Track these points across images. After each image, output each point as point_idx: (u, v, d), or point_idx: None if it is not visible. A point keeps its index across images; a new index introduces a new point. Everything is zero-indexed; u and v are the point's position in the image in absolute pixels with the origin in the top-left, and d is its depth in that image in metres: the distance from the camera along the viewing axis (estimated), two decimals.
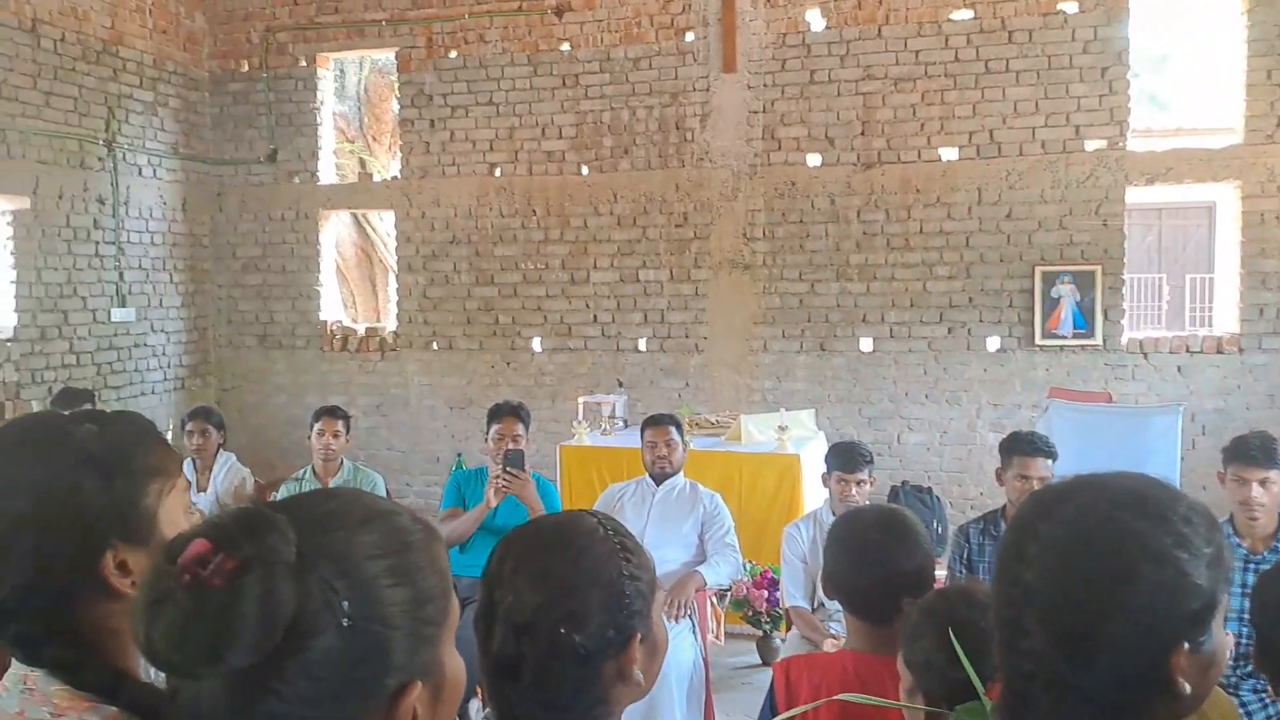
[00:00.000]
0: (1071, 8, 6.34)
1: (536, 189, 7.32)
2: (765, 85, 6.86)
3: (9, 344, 6.30)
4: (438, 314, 7.56)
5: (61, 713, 0.91)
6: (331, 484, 4.53)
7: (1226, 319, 6.51)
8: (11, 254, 6.44)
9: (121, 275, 7.14)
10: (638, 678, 1.11)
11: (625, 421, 6.32)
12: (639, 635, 1.11)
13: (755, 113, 6.88)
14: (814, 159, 6.80)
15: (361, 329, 7.97)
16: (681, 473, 4.32)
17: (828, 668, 2.02)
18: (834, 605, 3.62)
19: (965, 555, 3.71)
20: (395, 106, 7.65)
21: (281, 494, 4.48)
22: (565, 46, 7.22)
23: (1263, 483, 3.01)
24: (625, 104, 7.11)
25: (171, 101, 7.64)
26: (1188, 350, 6.26)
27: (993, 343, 6.55)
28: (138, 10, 7.35)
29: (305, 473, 4.83)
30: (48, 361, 6.58)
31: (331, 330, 7.83)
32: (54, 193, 6.62)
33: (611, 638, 1.09)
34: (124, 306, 7.17)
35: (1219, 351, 6.21)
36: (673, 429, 4.31)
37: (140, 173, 7.35)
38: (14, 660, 0.95)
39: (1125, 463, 3.33)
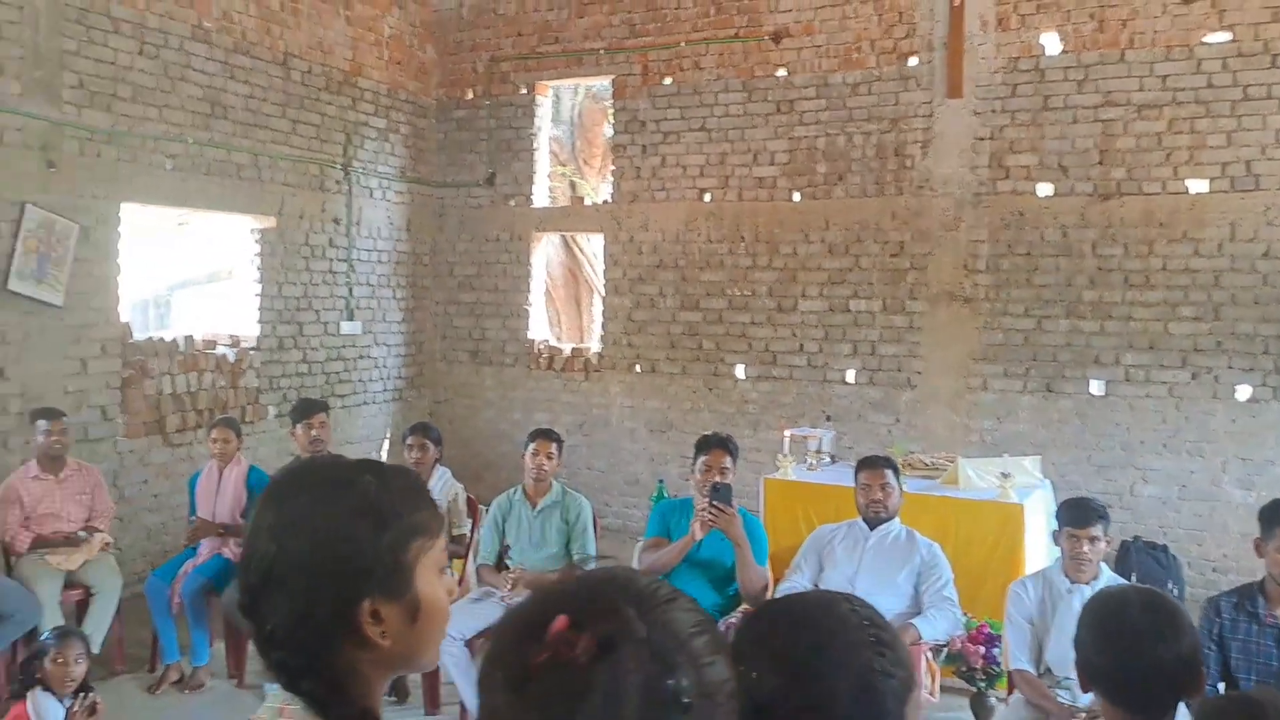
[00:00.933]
0: None
1: (746, 215, 7.43)
2: (994, 111, 6.70)
3: (252, 352, 6.96)
4: (642, 337, 7.78)
5: None
6: (540, 504, 4.68)
7: None
8: (258, 269, 7.12)
9: (351, 290, 7.75)
10: None
11: (832, 457, 6.25)
12: None
13: (982, 139, 6.74)
14: (1045, 188, 6.58)
15: (567, 349, 8.31)
16: (897, 518, 4.24)
17: None
18: (1063, 673, 3.47)
19: (1216, 631, 3.44)
20: (608, 130, 7.95)
21: (493, 510, 4.72)
22: (781, 72, 7.31)
23: None
24: (841, 130, 7.12)
25: (402, 128, 8.26)
26: None
27: (1243, 391, 6.11)
28: (376, 44, 8.00)
29: (516, 492, 4.97)
30: (283, 370, 7.22)
31: (538, 349, 8.21)
32: (296, 213, 7.28)
33: None
34: (352, 320, 7.77)
35: None
36: (888, 472, 4.24)
37: (371, 195, 7.97)
38: (277, 686, 1.05)
39: None
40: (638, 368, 7.81)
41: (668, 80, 7.68)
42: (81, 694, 3.43)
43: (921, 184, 6.91)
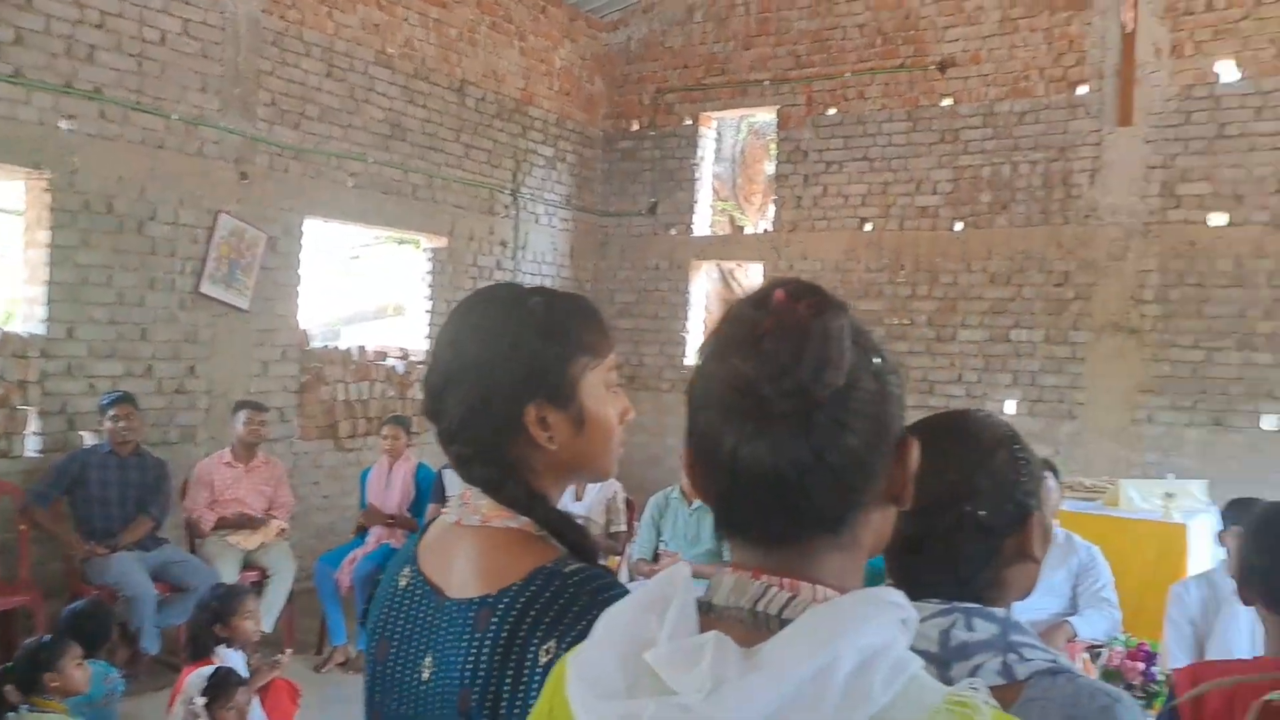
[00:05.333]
0: None
1: (907, 244, 8.30)
2: (1166, 139, 7.37)
3: (420, 365, 8.23)
4: None
5: (488, 520, 1.24)
6: (696, 503, 5.41)
7: None
8: (429, 286, 8.44)
9: None
10: (1035, 554, 1.35)
11: None
12: (1035, 514, 1.34)
13: (1153, 168, 7.40)
14: (1219, 218, 7.17)
15: None
16: (1056, 522, 4.60)
17: (1245, 673, 2.01)
18: None
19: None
20: (768, 168, 8.99)
21: (650, 508, 5.64)
22: (946, 101, 8.20)
23: None
24: (1007, 159, 7.93)
25: (569, 157, 9.58)
26: None
27: None
28: (546, 74, 9.37)
29: (674, 490, 5.75)
30: None
31: None
32: (466, 234, 8.58)
33: (1011, 514, 1.32)
34: None
35: None
36: (1048, 474, 4.85)
37: (538, 220, 9.28)
38: (458, 478, 1.31)
39: None
40: None
41: (831, 110, 8.70)
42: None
43: (1088, 213, 7.62)
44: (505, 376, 1.24)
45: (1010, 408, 7.84)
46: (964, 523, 1.30)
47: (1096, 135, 7.61)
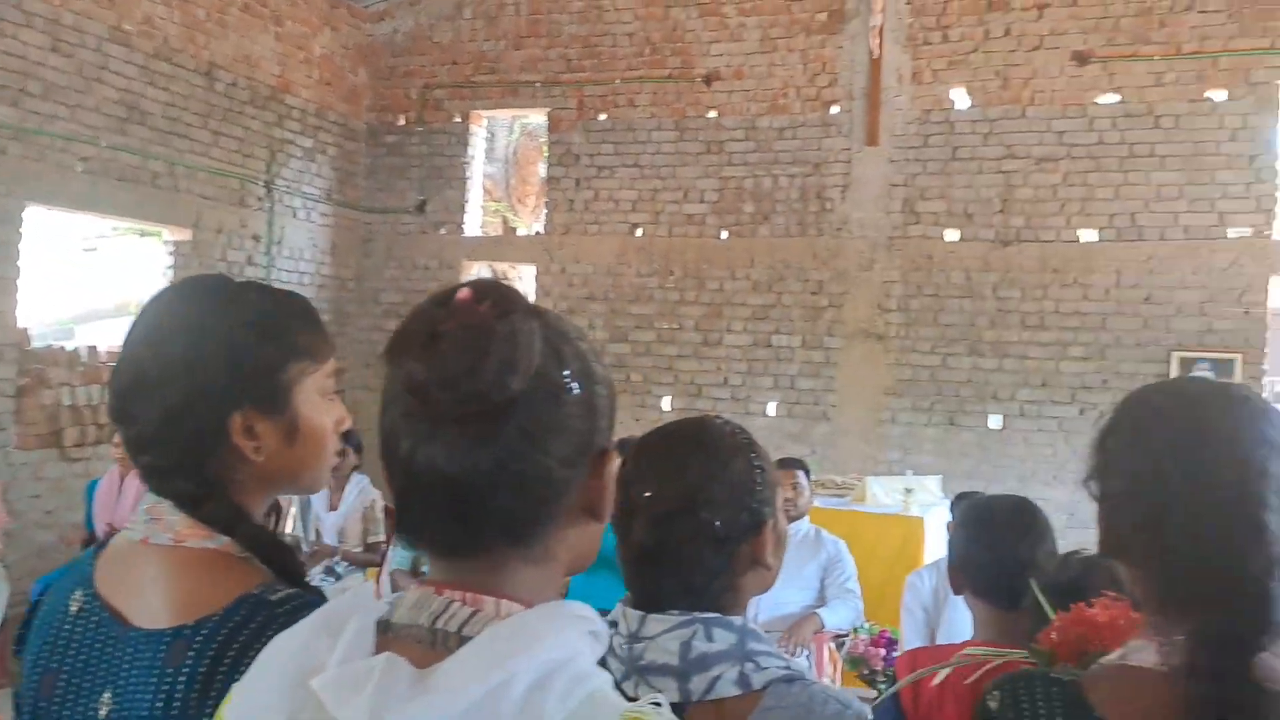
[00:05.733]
0: (1220, 95, 7.37)
1: (675, 250, 8.63)
2: (907, 160, 8.06)
3: None
4: None
5: (181, 539, 1.12)
6: None
7: None
8: (170, 283, 7.94)
9: None
10: (768, 561, 1.38)
11: None
12: (770, 522, 1.38)
13: (896, 186, 8.08)
14: (952, 234, 7.93)
15: None
16: (807, 518, 5.11)
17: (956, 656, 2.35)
18: None
19: None
20: (542, 169, 9.08)
21: None
22: (712, 114, 8.58)
23: None
24: (768, 172, 8.40)
25: (329, 149, 9.25)
26: None
27: None
28: (305, 62, 9.00)
29: None
30: None
31: None
32: (214, 227, 8.12)
33: (746, 522, 1.35)
34: None
35: None
36: (800, 474, 5.10)
37: (295, 215, 8.91)
38: (146, 493, 1.18)
39: None
40: None
41: (602, 116, 8.88)
42: None
43: (840, 226, 8.21)
44: (210, 380, 1.13)
45: (771, 410, 8.34)
46: (700, 531, 1.33)
47: (847, 153, 8.21)
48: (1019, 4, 7.77)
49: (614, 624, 1.35)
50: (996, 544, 2.23)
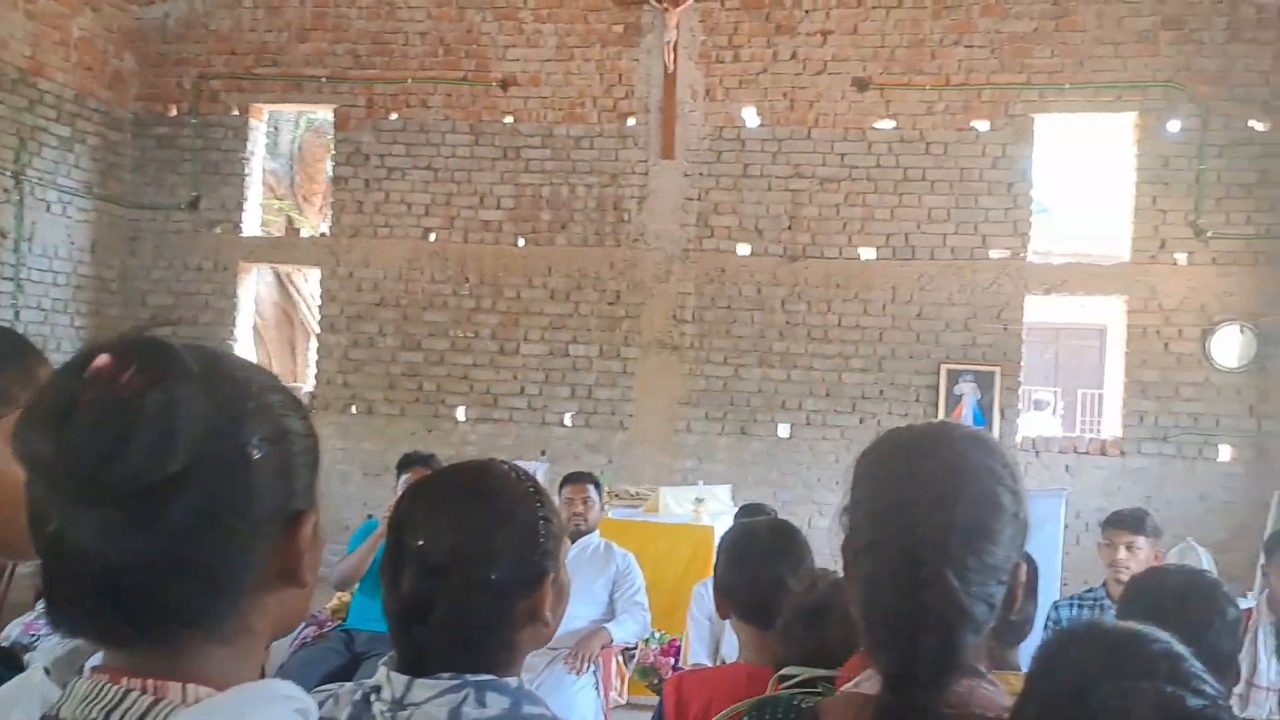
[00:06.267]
0: (984, 125, 8.00)
1: (471, 257, 8.52)
2: (701, 174, 8.29)
3: None
4: (359, 377, 8.60)
5: None
6: None
7: (1112, 425, 8.16)
8: None
9: (17, 314, 7.91)
10: (546, 617, 1.32)
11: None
12: (550, 575, 1.32)
13: (691, 199, 8.30)
14: (744, 248, 8.24)
15: None
16: (596, 532, 5.20)
17: (719, 682, 2.28)
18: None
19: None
20: (329, 167, 8.77)
21: None
22: (509, 119, 8.52)
23: (1129, 546, 4.26)
24: (565, 180, 8.43)
25: (90, 139, 8.55)
26: (1075, 451, 7.86)
27: None
28: (61, 44, 8.28)
29: None
30: None
31: None
32: None
33: (525, 575, 1.29)
34: None
35: (1103, 454, 7.82)
36: (590, 487, 5.19)
37: (49, 209, 8.19)
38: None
39: None
40: (354, 409, 8.61)
41: (394, 116, 8.64)
42: None
43: (637, 237, 8.36)
44: None
45: (569, 419, 8.40)
46: (476, 585, 1.26)
47: (644, 165, 8.36)
48: (805, 29, 8.15)
49: (377, 689, 1.27)
50: (755, 568, 2.29)
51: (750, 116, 8.28)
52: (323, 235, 8.94)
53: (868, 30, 8.08)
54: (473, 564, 1.26)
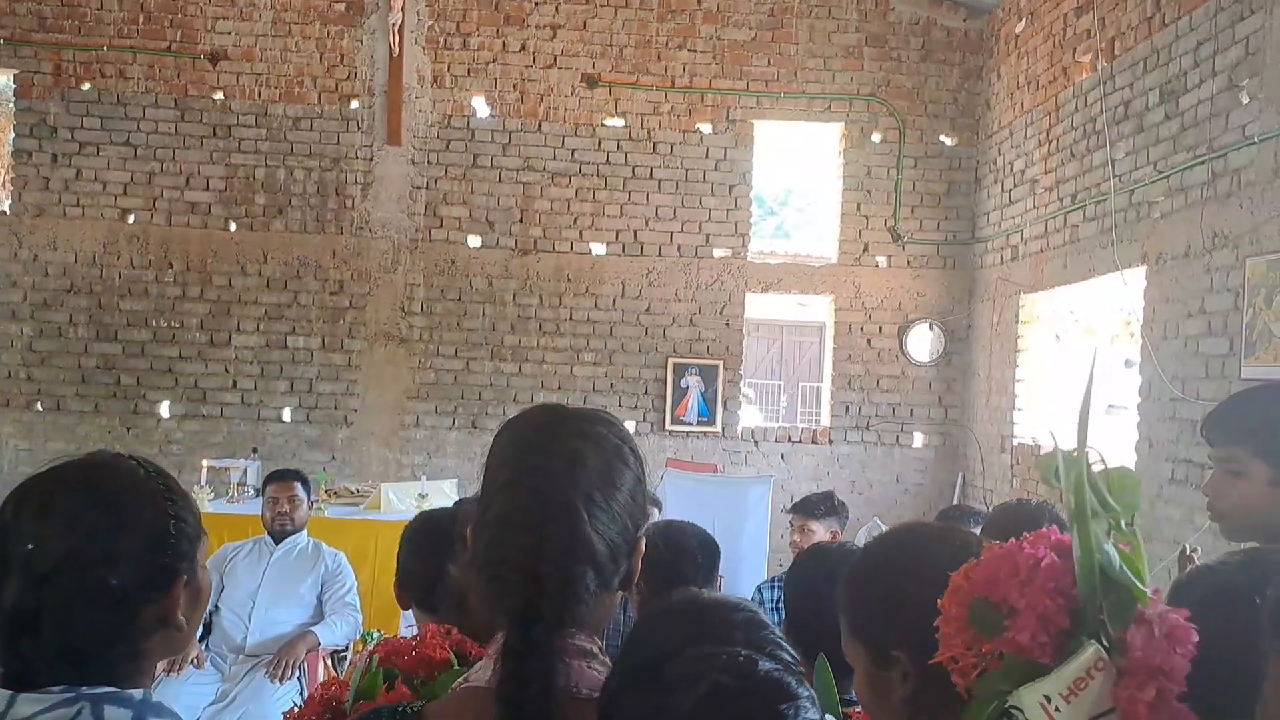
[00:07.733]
0: (707, 128, 8.38)
1: (176, 241, 7.99)
2: (430, 163, 8.18)
3: None
4: (45, 370, 7.86)
5: None
6: None
7: (825, 415, 8.81)
8: None
9: None
10: (179, 622, 1.25)
11: (257, 490, 6.89)
12: (184, 578, 1.26)
13: (419, 188, 8.17)
14: (475, 240, 8.21)
15: None
16: (305, 531, 5.03)
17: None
18: None
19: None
20: (10, 139, 7.96)
21: None
22: (219, 95, 8.04)
23: (802, 529, 4.71)
24: (282, 163, 8.07)
25: None
26: (790, 439, 8.42)
27: (629, 426, 8.29)
28: None
29: None
30: None
31: None
32: None
33: (153, 579, 1.23)
34: None
35: (814, 442, 8.43)
36: (298, 485, 5.01)
37: None
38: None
39: (725, 523, 5.14)
40: (39, 405, 7.85)
41: (86, 85, 7.94)
42: None
43: (361, 225, 8.13)
44: None
45: (287, 414, 8.05)
46: (92, 591, 1.19)
47: (368, 151, 8.14)
48: (534, 22, 8.21)
49: None
50: (428, 556, 2.32)
51: (480, 106, 8.25)
52: (3, 214, 8.09)
53: (597, 28, 8.25)
54: (89, 569, 1.18)
